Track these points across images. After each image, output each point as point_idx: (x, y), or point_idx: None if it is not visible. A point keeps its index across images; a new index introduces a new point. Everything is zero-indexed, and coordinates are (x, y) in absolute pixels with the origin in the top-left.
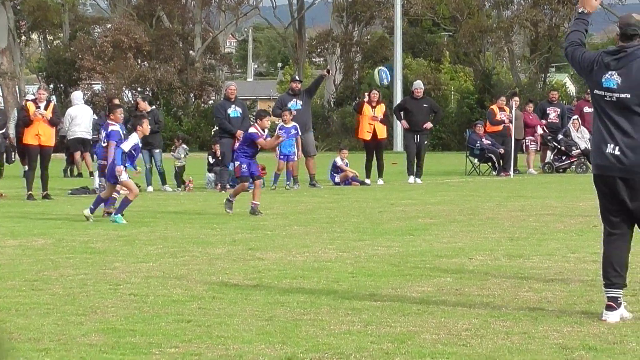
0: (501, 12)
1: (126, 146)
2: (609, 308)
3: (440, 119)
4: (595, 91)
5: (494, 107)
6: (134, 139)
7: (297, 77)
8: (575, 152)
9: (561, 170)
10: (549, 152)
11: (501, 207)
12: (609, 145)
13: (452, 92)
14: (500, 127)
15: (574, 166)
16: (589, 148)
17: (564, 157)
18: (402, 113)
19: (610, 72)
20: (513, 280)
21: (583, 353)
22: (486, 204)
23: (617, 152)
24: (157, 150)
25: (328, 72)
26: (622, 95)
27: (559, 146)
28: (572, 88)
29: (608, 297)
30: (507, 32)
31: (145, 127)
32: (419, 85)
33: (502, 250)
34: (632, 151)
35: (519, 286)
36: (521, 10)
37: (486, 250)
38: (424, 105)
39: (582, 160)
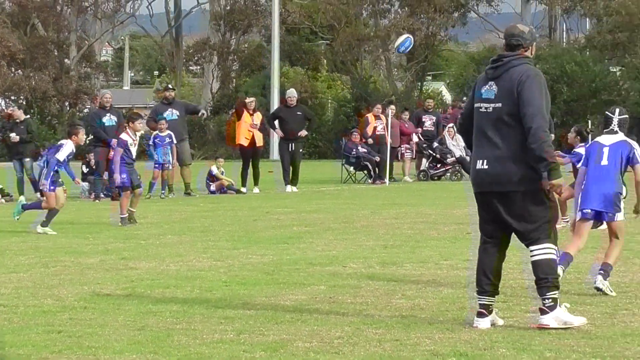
0: (378, 20)
1: (61, 155)
2: (480, 315)
3: (314, 127)
4: (475, 105)
5: (370, 115)
6: (70, 147)
7: (170, 86)
8: (450, 160)
9: (436, 178)
10: (424, 160)
11: (376, 215)
12: (479, 161)
13: (329, 101)
14: (370, 141)
15: (448, 174)
16: (464, 156)
17: (439, 165)
18: (276, 122)
19: (489, 83)
20: (386, 288)
21: (454, 359)
22: (361, 212)
23: (485, 167)
24: (27, 159)
25: (203, 114)
26: (496, 105)
27: (434, 154)
28: (448, 96)
29: (480, 304)
30: (384, 41)
31: (81, 136)
32: (292, 94)
33: (376, 257)
34: (499, 162)
35: (392, 293)
36: (398, 19)
37: (360, 258)
38: (298, 113)
39: (457, 168)
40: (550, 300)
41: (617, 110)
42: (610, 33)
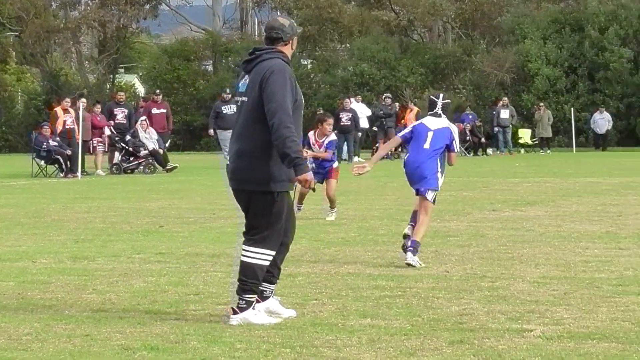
0: (68, 12)
1: None
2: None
3: (3, 120)
4: (236, 98)
5: (58, 109)
6: None
7: None
8: (143, 153)
9: (129, 171)
10: (117, 153)
11: (67, 209)
12: (229, 156)
13: (19, 94)
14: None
15: (142, 167)
16: (157, 148)
17: (132, 158)
18: None
19: (245, 76)
20: (77, 283)
21: (145, 353)
22: (52, 206)
23: (228, 162)
24: None
25: None
26: (244, 99)
27: (127, 147)
28: (141, 89)
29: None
30: (74, 33)
31: None
32: None
33: (67, 252)
34: (237, 158)
35: (83, 288)
36: (89, 11)
37: (51, 253)
38: None
39: (150, 161)
40: (244, 302)
41: (441, 95)
42: (301, 26)
